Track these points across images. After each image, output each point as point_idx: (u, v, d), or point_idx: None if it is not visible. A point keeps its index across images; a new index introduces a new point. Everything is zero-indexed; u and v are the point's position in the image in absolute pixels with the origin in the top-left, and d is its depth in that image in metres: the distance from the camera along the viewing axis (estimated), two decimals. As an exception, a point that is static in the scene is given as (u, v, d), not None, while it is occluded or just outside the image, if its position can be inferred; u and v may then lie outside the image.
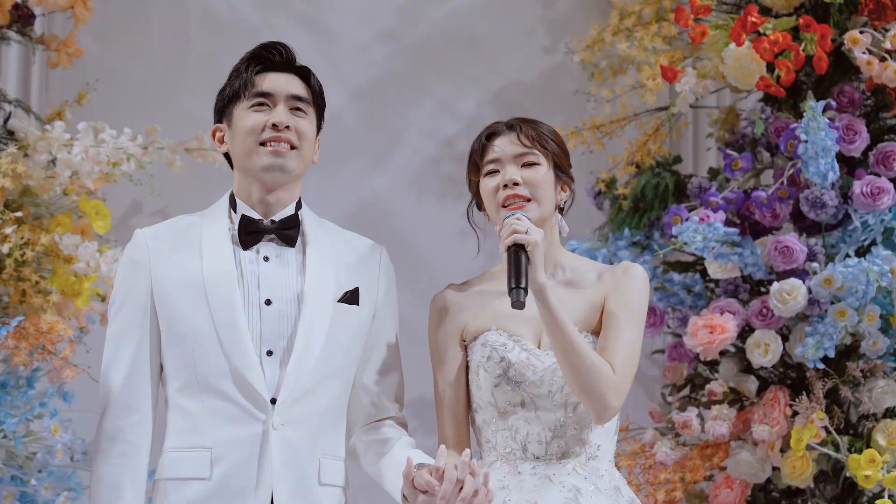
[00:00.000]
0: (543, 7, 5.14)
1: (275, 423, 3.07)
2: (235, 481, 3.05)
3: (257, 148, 3.15)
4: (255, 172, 3.16)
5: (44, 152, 4.23)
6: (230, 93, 3.20)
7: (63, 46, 4.54)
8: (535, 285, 3.04)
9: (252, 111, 3.17)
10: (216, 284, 3.10)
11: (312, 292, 3.15)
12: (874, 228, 4.28)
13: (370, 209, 4.99)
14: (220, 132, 3.24)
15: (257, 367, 3.08)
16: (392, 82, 5.07)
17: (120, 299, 3.16)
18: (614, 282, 3.24)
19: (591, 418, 3.13)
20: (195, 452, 3.07)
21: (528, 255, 3.04)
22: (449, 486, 2.90)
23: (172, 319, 3.11)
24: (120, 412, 3.11)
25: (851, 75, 4.45)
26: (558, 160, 3.25)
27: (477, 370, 3.23)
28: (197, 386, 3.08)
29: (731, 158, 4.44)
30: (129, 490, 3.08)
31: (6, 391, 4.11)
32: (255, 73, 3.20)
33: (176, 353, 3.11)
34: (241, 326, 3.08)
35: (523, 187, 3.20)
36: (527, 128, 3.25)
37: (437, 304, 3.33)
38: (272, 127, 3.15)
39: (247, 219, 3.16)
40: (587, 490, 3.14)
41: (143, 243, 3.16)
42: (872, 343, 4.20)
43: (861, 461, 4.09)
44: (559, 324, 3.06)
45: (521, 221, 3.08)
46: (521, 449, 3.18)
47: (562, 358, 3.08)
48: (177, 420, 3.11)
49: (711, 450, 4.36)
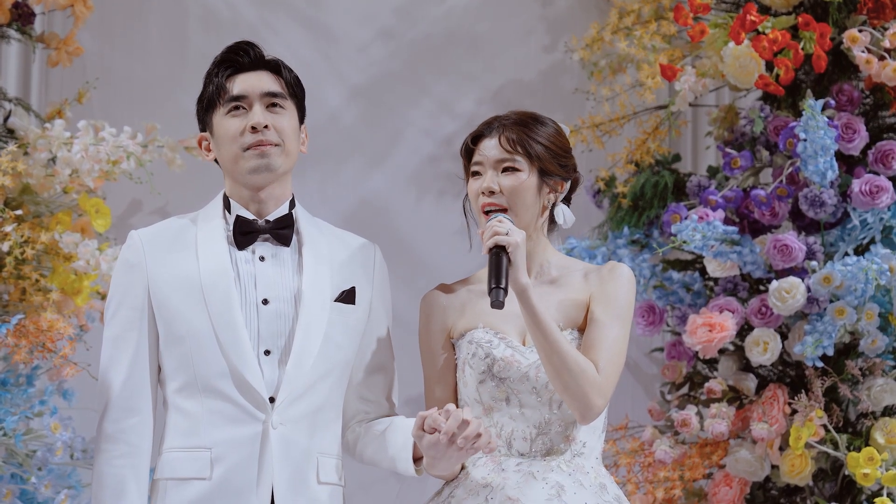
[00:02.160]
0: (542, 6, 5.14)
1: (274, 422, 3.07)
2: (236, 481, 3.04)
3: (241, 153, 3.14)
4: (243, 176, 3.16)
5: (44, 150, 4.23)
6: (206, 101, 3.20)
7: (63, 45, 4.54)
8: (518, 286, 3.05)
9: (230, 117, 3.16)
10: (213, 285, 3.09)
11: (310, 292, 3.15)
12: (873, 227, 4.29)
13: (369, 208, 4.99)
14: (205, 140, 3.24)
15: (256, 367, 3.07)
16: (391, 81, 5.07)
17: (116, 301, 3.15)
18: (600, 281, 3.22)
19: (576, 418, 3.13)
20: (195, 453, 3.06)
21: (510, 257, 3.04)
22: (454, 423, 2.95)
23: (170, 321, 3.10)
24: (120, 414, 3.10)
25: (850, 74, 4.46)
26: (544, 164, 3.21)
27: (463, 367, 3.24)
28: (196, 386, 3.08)
29: (731, 157, 4.45)
30: (133, 491, 3.07)
31: (6, 389, 4.11)
32: (226, 77, 3.17)
33: (174, 353, 3.10)
34: (240, 326, 3.08)
35: (500, 196, 3.18)
36: (511, 131, 3.21)
37: (426, 304, 3.33)
38: (251, 130, 3.13)
39: (241, 219, 3.16)
40: (570, 487, 3.12)
41: (139, 245, 3.15)
42: (871, 341, 4.21)
43: (860, 459, 4.10)
44: (541, 324, 3.06)
45: (503, 223, 3.08)
46: (506, 446, 3.18)
47: (544, 358, 3.08)
48: (176, 420, 3.10)
49: (710, 448, 4.36)
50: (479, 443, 2.99)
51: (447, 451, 3.00)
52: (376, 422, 3.28)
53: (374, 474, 3.74)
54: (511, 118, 3.25)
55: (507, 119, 3.25)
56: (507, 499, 3.10)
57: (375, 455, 3.24)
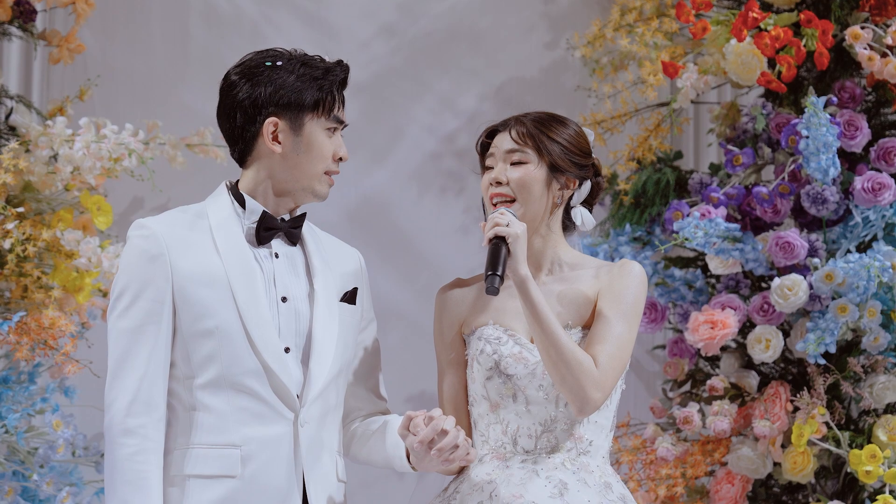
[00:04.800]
0: (544, 3, 5.13)
1: (301, 420, 3.06)
2: (267, 479, 3.02)
3: (322, 176, 3.15)
4: (303, 193, 3.15)
5: (45, 148, 4.23)
6: (312, 101, 3.13)
7: (64, 42, 4.54)
8: (517, 276, 3.08)
9: (327, 134, 3.15)
10: (241, 280, 3.06)
11: (322, 291, 3.15)
12: (875, 224, 4.29)
13: (371, 205, 4.98)
14: (274, 127, 3.13)
15: (286, 365, 3.06)
16: (393, 78, 5.06)
17: (133, 292, 3.05)
18: (610, 278, 3.23)
19: (573, 411, 3.13)
20: (223, 450, 3.03)
21: (509, 248, 3.07)
22: (431, 432, 2.98)
23: (198, 315, 3.04)
24: (140, 409, 3.02)
25: (852, 71, 4.46)
26: (554, 159, 3.23)
27: (472, 363, 3.25)
28: (224, 383, 3.04)
29: (732, 154, 4.44)
30: (155, 487, 3.01)
31: (8, 386, 4.12)
32: (337, 94, 3.17)
33: (200, 349, 3.04)
34: (269, 323, 3.06)
35: (507, 187, 3.22)
36: (522, 125, 3.24)
37: (441, 297, 3.36)
38: (338, 160, 3.17)
39: (268, 215, 3.14)
40: (574, 485, 3.13)
41: (159, 236, 3.07)
42: (873, 339, 4.21)
43: (862, 457, 4.09)
44: (539, 315, 3.08)
45: (504, 216, 3.11)
46: (512, 443, 3.19)
47: (542, 350, 3.10)
48: (201, 417, 3.05)
49: (712, 445, 4.37)
50: (455, 454, 3.01)
51: (425, 457, 3.03)
52: (371, 420, 3.29)
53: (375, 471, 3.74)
54: (530, 115, 3.29)
55: (526, 116, 3.28)
56: (510, 495, 3.12)
57: (371, 454, 3.25)
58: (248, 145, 3.16)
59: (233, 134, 3.17)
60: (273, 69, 3.14)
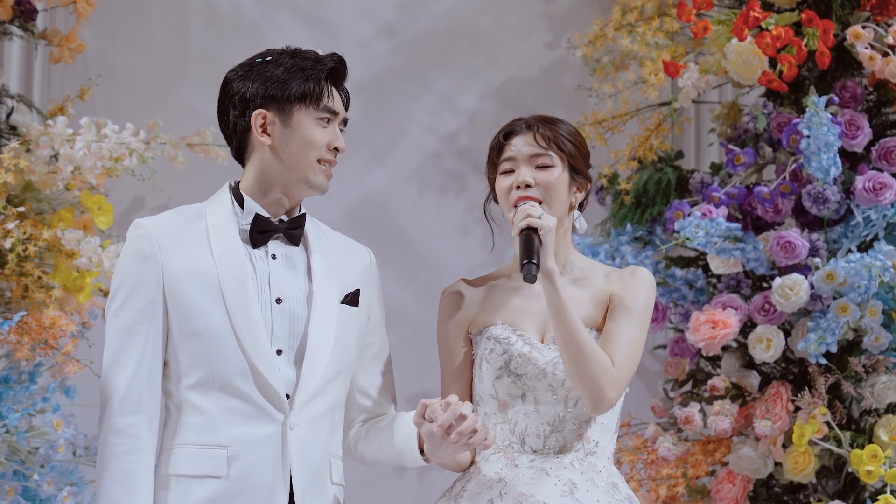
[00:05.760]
0: (545, 2, 5.13)
1: (291, 422, 3.06)
2: (253, 480, 3.03)
3: (315, 164, 3.13)
4: (299, 185, 3.15)
5: (46, 147, 4.22)
6: (299, 92, 3.13)
7: (65, 42, 4.53)
8: (546, 270, 3.10)
9: (319, 123, 3.14)
10: (232, 282, 3.06)
11: (320, 293, 3.14)
12: (876, 224, 4.28)
13: (371, 204, 4.98)
14: (262, 119, 3.14)
15: (276, 367, 3.06)
16: (393, 77, 5.06)
17: (125, 292, 3.08)
18: (621, 282, 3.28)
19: (587, 408, 3.16)
20: (210, 450, 3.03)
21: (541, 239, 3.09)
22: (450, 416, 2.97)
23: (187, 316, 3.06)
24: (130, 408, 3.04)
25: (854, 70, 4.46)
26: (574, 162, 3.27)
27: (480, 362, 3.27)
28: (212, 384, 3.05)
29: (734, 154, 4.44)
30: (143, 486, 3.02)
31: (8, 386, 4.11)
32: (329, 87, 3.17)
33: (189, 349, 3.06)
34: (259, 325, 3.06)
35: (535, 189, 3.23)
36: (544, 128, 3.27)
37: (447, 296, 3.37)
38: (334, 150, 3.16)
39: (261, 218, 3.13)
40: (583, 484, 3.15)
41: (152, 236, 3.09)
42: (874, 338, 4.21)
43: (863, 456, 4.09)
44: (565, 310, 3.10)
45: (535, 208, 3.15)
46: (520, 442, 3.21)
47: (562, 345, 3.12)
48: (189, 417, 3.06)
49: (713, 445, 4.36)
50: (474, 438, 3.00)
51: (442, 443, 3.01)
52: (380, 418, 3.29)
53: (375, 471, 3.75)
54: (537, 117, 3.31)
55: (534, 118, 3.30)
56: (520, 494, 3.13)
57: (379, 452, 3.25)
58: (241, 141, 3.18)
59: (227, 131, 3.20)
60: (263, 64, 3.16)
